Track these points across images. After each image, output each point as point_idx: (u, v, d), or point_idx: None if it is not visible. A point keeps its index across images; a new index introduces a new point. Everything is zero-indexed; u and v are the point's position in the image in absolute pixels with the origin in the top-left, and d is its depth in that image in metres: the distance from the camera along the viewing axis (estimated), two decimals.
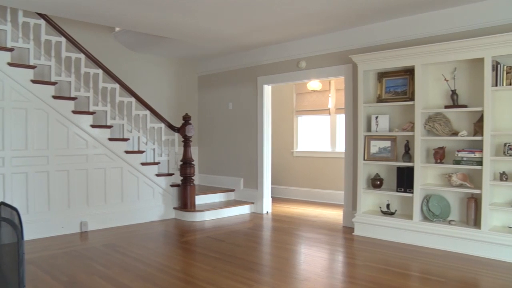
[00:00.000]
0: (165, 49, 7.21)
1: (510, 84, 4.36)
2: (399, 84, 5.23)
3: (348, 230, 5.68)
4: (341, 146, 7.88)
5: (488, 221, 4.48)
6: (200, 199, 6.93)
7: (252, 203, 7.14)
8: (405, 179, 5.05)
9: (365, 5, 4.80)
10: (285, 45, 6.60)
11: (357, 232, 5.42)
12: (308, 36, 6.16)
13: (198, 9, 4.97)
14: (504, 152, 4.44)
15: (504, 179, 4.42)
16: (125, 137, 6.11)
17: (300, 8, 4.89)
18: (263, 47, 6.88)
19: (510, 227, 4.47)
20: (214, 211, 6.61)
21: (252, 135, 7.22)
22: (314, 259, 4.49)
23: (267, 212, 7.08)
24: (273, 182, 8.28)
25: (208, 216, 6.49)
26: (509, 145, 4.40)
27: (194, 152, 7.72)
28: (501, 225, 4.60)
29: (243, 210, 7.03)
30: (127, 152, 6.05)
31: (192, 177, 6.58)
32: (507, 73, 4.37)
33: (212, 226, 6.03)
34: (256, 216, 6.79)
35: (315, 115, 8.51)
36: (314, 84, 8.02)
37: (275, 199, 8.12)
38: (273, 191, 8.23)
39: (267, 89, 7.11)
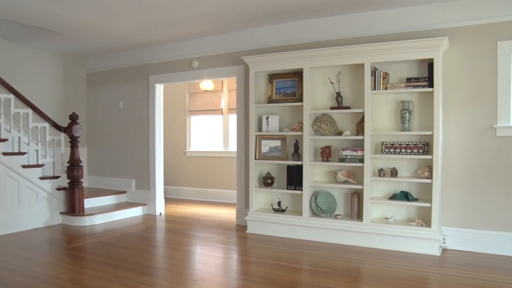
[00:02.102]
0: (50, 42, 6.73)
1: (386, 89, 4.80)
2: (289, 86, 5.45)
3: (241, 228, 5.79)
4: (233, 146, 8.02)
5: (369, 214, 4.87)
6: (90, 203, 6.60)
7: (145, 204, 6.97)
8: (294, 177, 5.26)
9: (256, 9, 4.93)
10: (178, 44, 6.53)
11: (250, 230, 5.55)
12: (200, 36, 6.16)
13: (82, 2, 4.70)
14: (381, 150, 4.86)
15: (382, 175, 4.84)
16: (3, 137, 5.59)
17: (191, 8, 4.87)
18: (155, 45, 6.73)
19: (387, 218, 4.90)
20: (104, 214, 6.33)
21: (144, 135, 7.04)
22: (208, 259, 4.51)
23: (160, 213, 6.96)
24: (166, 183, 8.17)
25: (98, 220, 6.20)
26: (385, 144, 4.83)
27: (83, 153, 7.32)
28: (380, 217, 5.02)
29: (136, 212, 6.83)
30: (5, 154, 5.54)
31: (80, 180, 6.24)
32: (383, 78, 4.80)
33: (103, 230, 5.77)
34: (149, 218, 6.64)
35: (208, 115, 8.55)
36: (206, 84, 8.05)
37: (168, 200, 8.00)
38: (166, 191, 8.11)
39: (159, 88, 6.99)
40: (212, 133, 8.61)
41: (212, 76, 6.43)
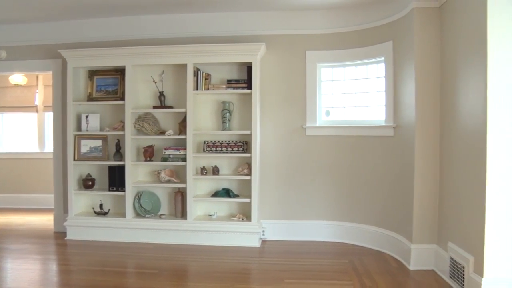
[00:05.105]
0: None
1: (208, 89, 4.96)
2: (110, 83, 5.25)
3: (60, 235, 5.37)
4: (50, 146, 7.42)
5: (193, 212, 4.96)
6: None
7: None
8: (117, 178, 5.10)
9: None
10: None
11: (70, 236, 5.19)
12: (10, 22, 5.47)
13: None
14: (203, 149, 5.00)
15: (204, 173, 4.97)
16: None
17: None
18: None
19: (211, 215, 5.06)
20: None
21: None
22: (21, 273, 4.05)
23: None
24: None
25: None
26: (207, 143, 4.98)
27: None
28: (204, 214, 5.17)
29: None
30: None
31: None
32: (205, 79, 4.96)
33: None
34: None
35: (20, 112, 7.76)
36: (17, 78, 7.27)
37: None
38: None
39: None
40: (26, 132, 7.85)
41: (24, 70, 5.87)
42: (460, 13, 3.59)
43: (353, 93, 4.99)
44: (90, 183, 5.22)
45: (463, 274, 3.42)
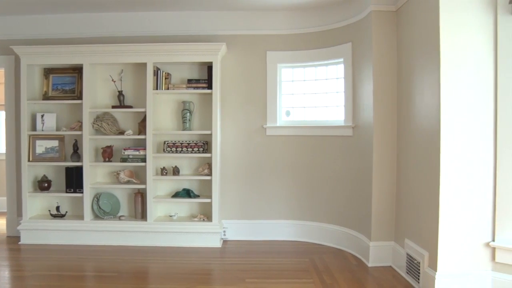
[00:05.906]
0: None
1: (168, 89, 4.92)
2: (67, 82, 5.12)
3: (13, 239, 5.17)
4: (2, 147, 7.14)
5: (153, 213, 4.90)
6: None
7: None
8: (74, 179, 4.98)
9: None
10: None
11: (24, 240, 5.01)
12: None
13: None
14: (164, 149, 4.96)
15: (165, 173, 4.93)
16: None
17: None
18: None
19: (171, 216, 5.02)
20: None
21: None
22: None
23: None
24: None
25: None
26: (167, 143, 4.93)
27: None
28: (164, 215, 5.12)
29: None
30: None
31: None
32: (165, 78, 4.91)
33: None
34: None
35: None
36: None
37: None
38: None
39: None
40: None
41: None
42: (415, 16, 3.71)
43: (313, 94, 5.06)
44: (46, 185, 5.07)
45: (419, 269, 3.54)
